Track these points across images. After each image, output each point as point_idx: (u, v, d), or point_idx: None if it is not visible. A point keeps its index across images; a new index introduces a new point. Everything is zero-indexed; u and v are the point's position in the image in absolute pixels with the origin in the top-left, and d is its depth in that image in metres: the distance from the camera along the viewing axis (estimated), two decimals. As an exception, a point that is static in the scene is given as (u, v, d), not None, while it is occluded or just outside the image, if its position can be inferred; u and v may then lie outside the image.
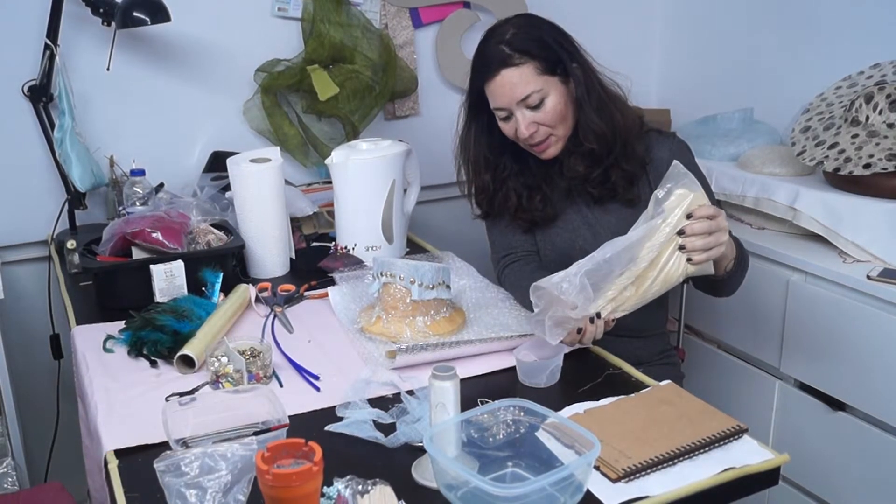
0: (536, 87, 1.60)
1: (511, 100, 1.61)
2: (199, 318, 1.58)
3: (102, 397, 1.38)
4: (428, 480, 1.14)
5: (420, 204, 2.24)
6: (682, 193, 1.39)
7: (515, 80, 1.60)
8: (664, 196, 1.40)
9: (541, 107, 1.61)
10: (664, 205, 1.39)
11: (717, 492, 1.16)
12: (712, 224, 1.39)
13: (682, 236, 1.39)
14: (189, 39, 2.22)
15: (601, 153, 1.66)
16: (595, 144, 1.65)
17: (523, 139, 1.65)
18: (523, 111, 1.62)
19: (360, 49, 2.33)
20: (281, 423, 1.20)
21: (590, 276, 1.36)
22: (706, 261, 1.41)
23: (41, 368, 2.25)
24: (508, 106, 1.62)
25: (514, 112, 1.63)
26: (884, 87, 1.96)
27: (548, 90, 1.61)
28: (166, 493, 1.04)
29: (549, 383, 1.42)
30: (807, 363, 1.98)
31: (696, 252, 1.39)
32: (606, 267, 1.37)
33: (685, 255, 1.40)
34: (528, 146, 1.68)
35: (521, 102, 1.61)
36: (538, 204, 1.75)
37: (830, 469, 1.95)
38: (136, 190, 2.02)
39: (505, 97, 1.62)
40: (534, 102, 1.61)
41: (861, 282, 1.82)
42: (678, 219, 1.38)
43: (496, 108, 1.65)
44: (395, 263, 1.58)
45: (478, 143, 1.76)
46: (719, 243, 1.41)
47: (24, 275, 2.21)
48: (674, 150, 1.70)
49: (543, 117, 1.62)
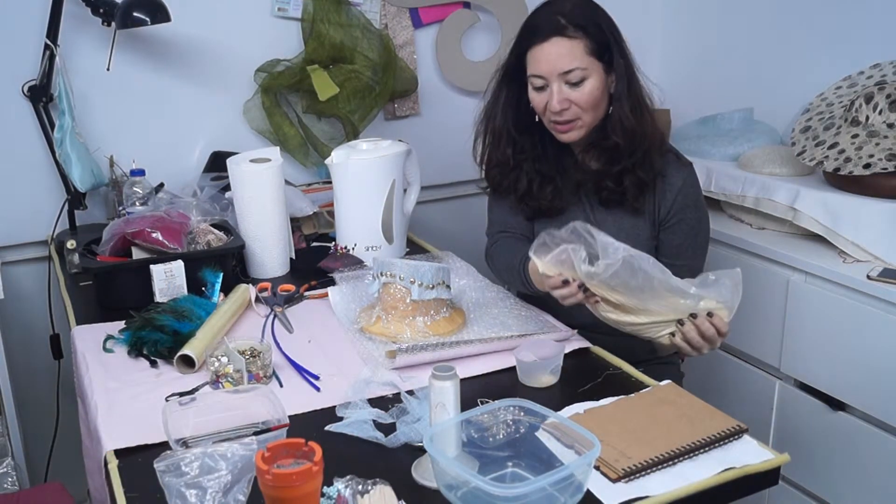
0: (582, 65, 1.60)
1: (553, 69, 1.60)
2: (199, 318, 1.58)
3: (102, 397, 1.38)
4: (428, 480, 1.14)
5: (420, 204, 2.24)
6: (721, 310, 1.44)
7: (564, 52, 1.59)
8: (710, 290, 1.43)
9: (579, 86, 1.61)
10: (701, 303, 1.43)
11: (717, 492, 1.16)
12: (714, 338, 1.45)
13: (688, 320, 1.44)
14: (189, 39, 2.22)
15: (621, 153, 1.66)
16: (622, 140, 1.65)
17: (553, 112, 1.63)
18: (561, 85, 1.61)
19: (360, 49, 2.33)
20: (281, 423, 1.20)
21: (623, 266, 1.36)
22: (681, 348, 1.48)
23: (41, 368, 2.25)
24: (549, 75, 1.61)
25: (552, 83, 1.61)
26: (884, 87, 1.96)
27: (590, 72, 1.61)
28: (166, 493, 1.05)
29: (549, 383, 1.42)
30: (807, 363, 1.98)
31: (683, 338, 1.45)
32: (633, 275, 1.38)
33: (675, 330, 1.46)
34: (551, 124, 1.67)
35: (562, 75, 1.60)
36: (548, 194, 1.74)
37: (830, 469, 1.95)
38: (136, 190, 2.02)
39: (549, 65, 1.60)
40: (574, 79, 1.60)
41: (861, 282, 1.82)
42: (701, 310, 1.43)
43: (535, 76, 1.63)
44: (395, 263, 1.58)
45: (504, 114, 1.74)
46: (701, 349, 1.48)
47: (24, 275, 2.21)
48: (686, 181, 1.70)
49: (578, 97, 1.61)
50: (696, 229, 1.72)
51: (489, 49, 2.57)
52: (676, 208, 1.69)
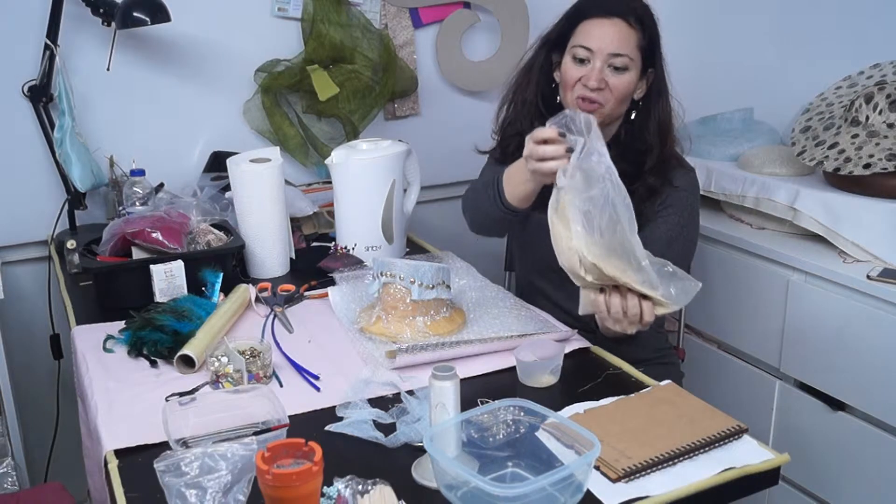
0: (631, 55, 1.62)
1: (605, 47, 1.61)
2: (199, 318, 1.58)
3: (102, 397, 1.38)
4: (428, 480, 1.14)
5: (420, 204, 2.24)
6: (659, 301, 1.42)
7: (622, 35, 1.61)
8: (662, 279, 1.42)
9: (620, 73, 1.62)
10: (643, 286, 1.40)
11: (717, 492, 1.16)
12: (634, 320, 1.43)
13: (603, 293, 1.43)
14: (189, 39, 2.22)
15: (647, 158, 1.67)
16: (656, 142, 1.67)
17: (587, 86, 1.61)
18: (604, 66, 1.61)
19: (360, 49, 2.33)
20: (281, 423, 1.20)
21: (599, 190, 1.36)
22: (599, 310, 1.45)
23: (41, 368, 2.25)
24: (598, 51, 1.61)
25: (596, 60, 1.61)
26: (884, 87, 1.96)
27: (633, 65, 1.63)
28: (166, 493, 1.05)
29: (548, 383, 1.42)
30: (807, 363, 1.98)
31: (606, 301, 1.43)
32: (604, 206, 1.36)
33: (606, 288, 1.43)
34: (577, 99, 1.64)
35: (609, 56, 1.61)
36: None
37: (830, 469, 1.95)
38: (136, 190, 2.02)
39: (602, 41, 1.61)
40: (619, 64, 1.61)
41: (861, 282, 1.82)
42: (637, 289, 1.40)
43: (582, 46, 1.63)
44: (395, 263, 1.58)
45: (537, 84, 1.74)
46: (617, 324, 1.45)
47: (24, 275, 2.21)
48: (686, 185, 1.71)
49: (616, 83, 1.62)
50: (681, 228, 1.70)
51: (489, 49, 2.57)
52: (669, 202, 1.68)
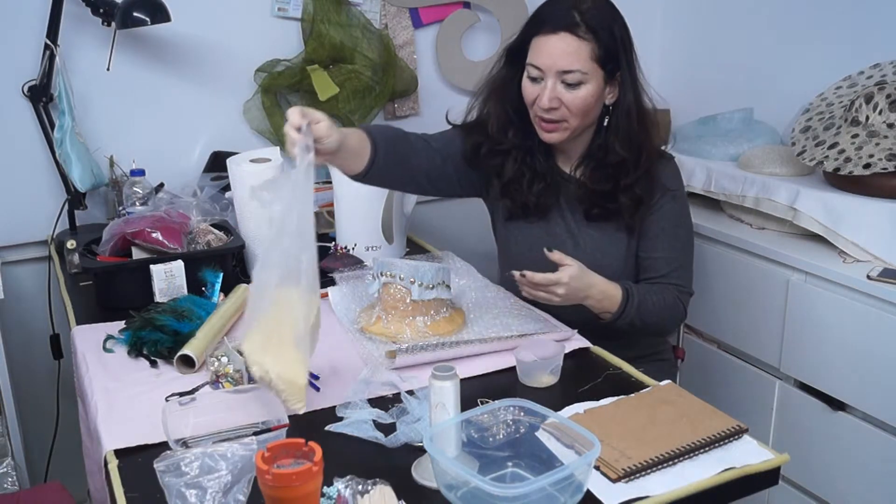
0: (583, 69, 1.55)
1: (553, 65, 1.56)
2: (199, 318, 1.58)
3: (102, 397, 1.38)
4: (428, 480, 1.14)
5: (420, 204, 2.24)
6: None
7: (569, 50, 1.55)
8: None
9: (574, 88, 1.57)
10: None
11: (717, 492, 1.16)
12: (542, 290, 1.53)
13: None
14: (189, 39, 2.22)
15: (625, 170, 1.63)
16: (628, 154, 1.62)
17: (541, 108, 1.59)
18: (556, 83, 1.57)
19: (360, 49, 2.33)
20: (281, 423, 1.20)
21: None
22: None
23: (41, 368, 2.25)
24: (547, 69, 1.57)
25: (548, 79, 1.57)
26: (884, 87, 1.96)
27: (590, 78, 1.57)
28: (166, 493, 1.05)
29: (549, 383, 1.42)
30: (807, 363, 1.97)
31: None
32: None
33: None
34: (537, 119, 1.63)
35: (560, 73, 1.56)
36: (536, 192, 1.70)
37: (830, 469, 1.95)
38: (136, 190, 2.02)
39: (550, 59, 1.56)
40: (571, 80, 1.56)
41: (861, 282, 1.82)
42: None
43: (533, 65, 1.59)
44: (395, 263, 1.58)
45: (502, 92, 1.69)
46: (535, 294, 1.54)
47: (24, 275, 2.21)
48: (666, 174, 1.69)
49: (571, 100, 1.57)
50: (674, 220, 1.69)
51: (489, 49, 2.57)
52: (656, 197, 1.67)
